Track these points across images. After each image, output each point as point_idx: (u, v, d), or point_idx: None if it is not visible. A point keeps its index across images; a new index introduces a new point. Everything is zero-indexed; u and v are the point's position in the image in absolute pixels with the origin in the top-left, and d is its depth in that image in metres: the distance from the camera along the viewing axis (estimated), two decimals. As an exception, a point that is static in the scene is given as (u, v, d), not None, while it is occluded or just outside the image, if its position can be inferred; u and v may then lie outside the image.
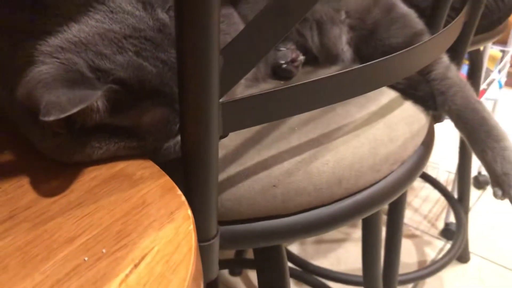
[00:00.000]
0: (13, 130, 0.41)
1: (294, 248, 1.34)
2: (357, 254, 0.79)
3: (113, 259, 0.30)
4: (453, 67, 0.57)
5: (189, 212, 0.33)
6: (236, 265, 1.17)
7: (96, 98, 0.34)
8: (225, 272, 1.23)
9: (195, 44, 0.32)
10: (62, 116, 0.31)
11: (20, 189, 0.36)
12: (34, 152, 0.39)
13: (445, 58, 0.57)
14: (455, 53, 0.62)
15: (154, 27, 0.39)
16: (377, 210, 0.72)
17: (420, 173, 0.55)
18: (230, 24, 0.49)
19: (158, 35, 0.38)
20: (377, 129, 0.51)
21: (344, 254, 1.32)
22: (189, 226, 0.32)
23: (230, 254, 1.30)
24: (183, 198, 0.34)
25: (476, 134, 0.53)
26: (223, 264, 1.18)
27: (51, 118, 0.31)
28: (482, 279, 1.26)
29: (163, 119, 0.39)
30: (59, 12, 0.38)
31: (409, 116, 0.53)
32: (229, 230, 0.46)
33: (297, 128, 0.49)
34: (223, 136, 0.46)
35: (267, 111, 0.40)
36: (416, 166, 0.54)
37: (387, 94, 0.55)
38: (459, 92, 0.55)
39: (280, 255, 0.54)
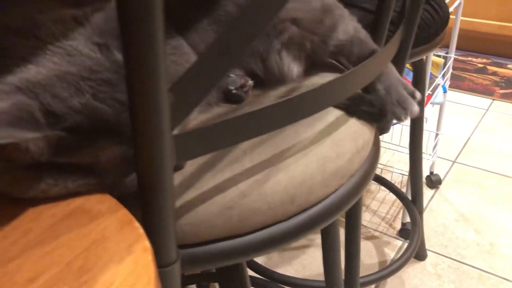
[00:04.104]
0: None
1: (259, 257, 1.37)
2: (321, 259, 0.83)
3: (75, 296, 0.31)
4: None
5: (147, 243, 0.35)
6: (203, 279, 1.18)
7: (20, 140, 0.35)
8: (193, 287, 1.24)
9: (144, 85, 0.34)
10: None
11: (-21, 231, 0.37)
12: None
13: None
14: (395, 68, 0.67)
15: (111, 69, 0.40)
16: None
17: (368, 183, 0.59)
18: (181, 55, 0.51)
19: (115, 76, 0.40)
20: (325, 146, 0.54)
21: (308, 260, 1.36)
22: (148, 257, 0.34)
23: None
24: (141, 230, 0.36)
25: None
26: (190, 278, 1.19)
27: None
28: (439, 274, 1.32)
29: (121, 156, 0.40)
30: (16, 54, 0.39)
31: (354, 132, 0.57)
32: (189, 253, 0.48)
33: (249, 151, 0.52)
34: (179, 167, 0.48)
35: (219, 140, 0.42)
36: (363, 178, 0.58)
37: (333, 113, 0.59)
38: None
39: (241, 271, 0.56)
